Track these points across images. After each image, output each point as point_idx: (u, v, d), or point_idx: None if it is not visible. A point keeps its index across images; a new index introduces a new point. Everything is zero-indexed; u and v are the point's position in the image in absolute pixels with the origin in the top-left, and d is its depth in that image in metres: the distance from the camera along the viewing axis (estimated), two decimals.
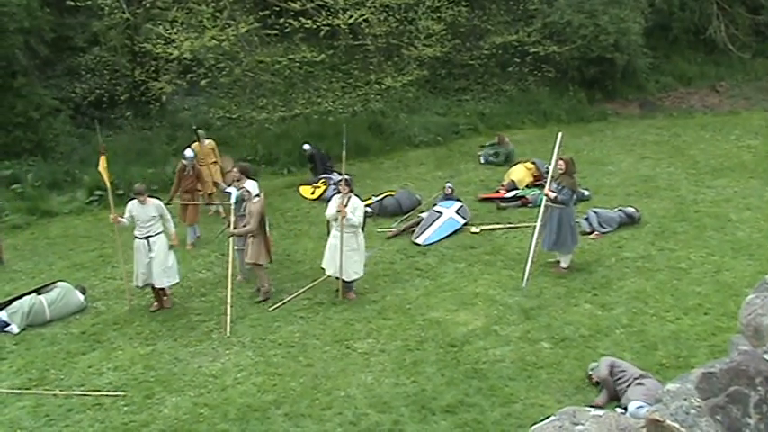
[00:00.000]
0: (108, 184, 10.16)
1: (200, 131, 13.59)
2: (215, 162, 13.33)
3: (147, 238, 9.74)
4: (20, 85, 15.18)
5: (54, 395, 8.18)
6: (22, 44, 15.03)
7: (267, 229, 10.41)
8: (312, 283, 10.52)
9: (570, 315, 9.47)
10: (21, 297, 9.94)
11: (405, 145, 17.23)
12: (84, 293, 10.25)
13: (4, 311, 9.73)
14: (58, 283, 10.32)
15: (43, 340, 9.41)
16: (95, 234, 12.96)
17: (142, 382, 8.40)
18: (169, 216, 9.92)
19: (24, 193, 14.15)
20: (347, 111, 17.54)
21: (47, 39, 16.18)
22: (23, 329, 9.61)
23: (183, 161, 12.29)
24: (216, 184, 13.17)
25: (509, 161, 15.59)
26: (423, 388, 8.05)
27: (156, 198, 10.07)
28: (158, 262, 9.75)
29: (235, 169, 10.92)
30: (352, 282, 10.10)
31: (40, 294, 9.99)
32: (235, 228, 10.21)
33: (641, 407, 6.95)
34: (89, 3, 15.80)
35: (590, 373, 8.04)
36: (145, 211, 9.73)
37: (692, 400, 2.29)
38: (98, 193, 14.45)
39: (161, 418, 7.73)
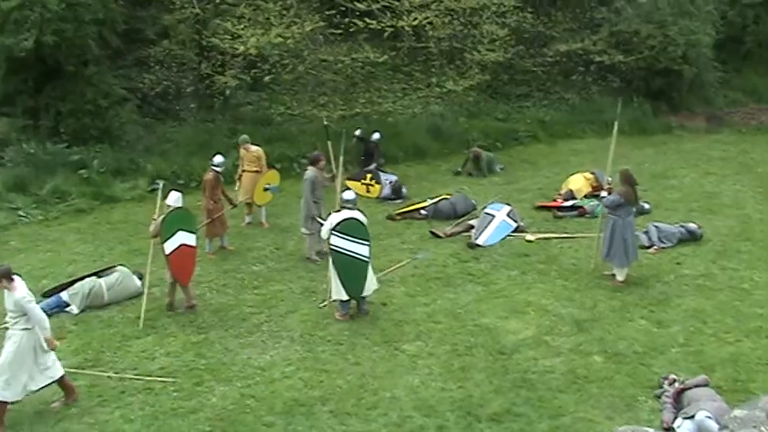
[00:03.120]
0: None
1: (244, 136, 12.81)
2: (257, 171, 12.47)
3: (5, 328, 7.61)
4: (91, 74, 15.64)
5: (108, 377, 8.39)
6: (95, 34, 15.46)
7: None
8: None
9: (624, 330, 9.25)
10: (81, 279, 10.24)
11: (463, 149, 17.12)
12: (141, 279, 10.48)
13: (65, 292, 10.05)
14: (118, 268, 10.59)
15: (100, 322, 9.67)
16: None
17: (192, 370, 8.54)
18: (40, 317, 7.37)
19: (90, 178, 14.57)
20: (407, 112, 17.54)
21: (119, 30, 16.58)
22: (82, 311, 9.90)
23: (216, 168, 11.47)
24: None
25: (491, 170, 15.71)
26: (470, 394, 7.97)
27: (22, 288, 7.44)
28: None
29: None
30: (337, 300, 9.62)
31: (99, 277, 10.27)
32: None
33: (709, 417, 6.78)
34: None
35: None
36: (8, 300, 7.37)
37: (762, 429, 2.20)
38: (159, 181, 14.78)
39: (209, 406, 7.85)
